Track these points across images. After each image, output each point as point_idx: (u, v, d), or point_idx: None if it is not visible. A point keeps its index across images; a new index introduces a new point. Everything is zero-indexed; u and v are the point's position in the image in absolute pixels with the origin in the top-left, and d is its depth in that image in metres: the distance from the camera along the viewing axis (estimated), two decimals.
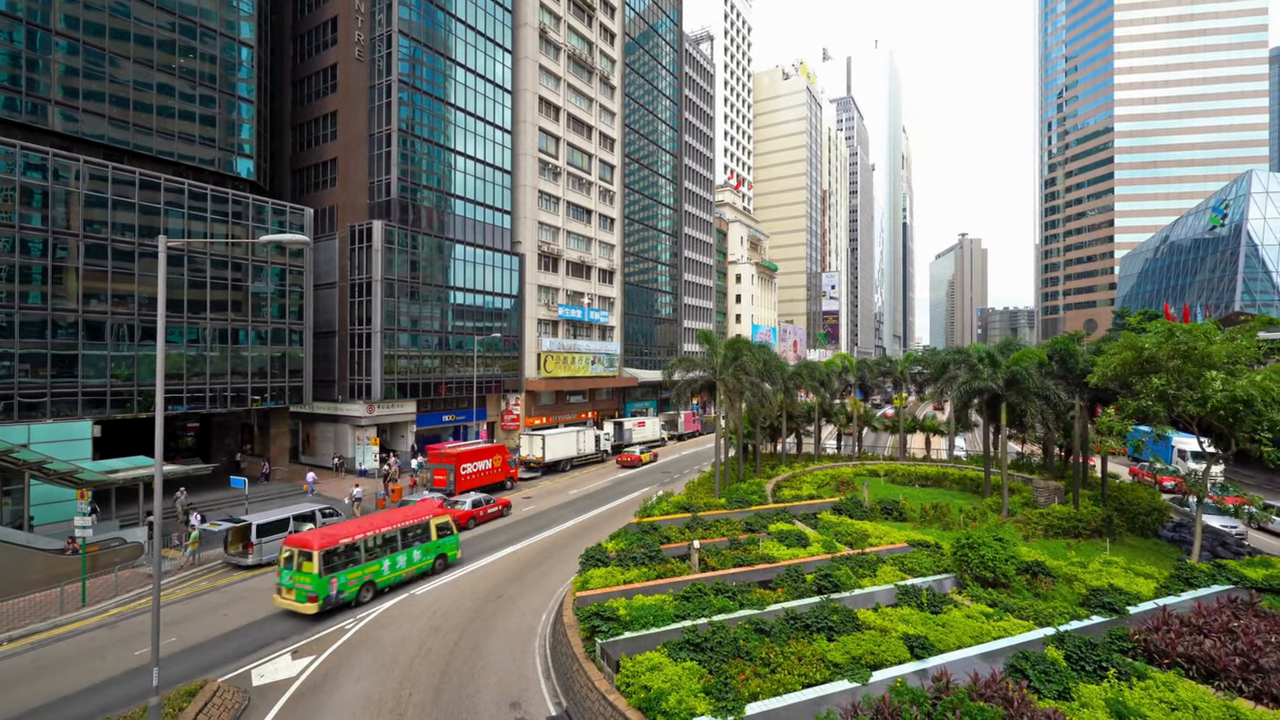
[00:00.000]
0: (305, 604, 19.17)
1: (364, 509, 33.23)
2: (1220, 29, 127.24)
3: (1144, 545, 25.94)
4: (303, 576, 19.29)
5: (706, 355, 32.63)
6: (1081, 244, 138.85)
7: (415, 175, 45.58)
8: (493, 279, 52.05)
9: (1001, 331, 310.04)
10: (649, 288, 75.75)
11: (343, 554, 20.01)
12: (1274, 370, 20.54)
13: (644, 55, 74.50)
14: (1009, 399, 28.98)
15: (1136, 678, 11.93)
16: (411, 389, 45.06)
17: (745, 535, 22.15)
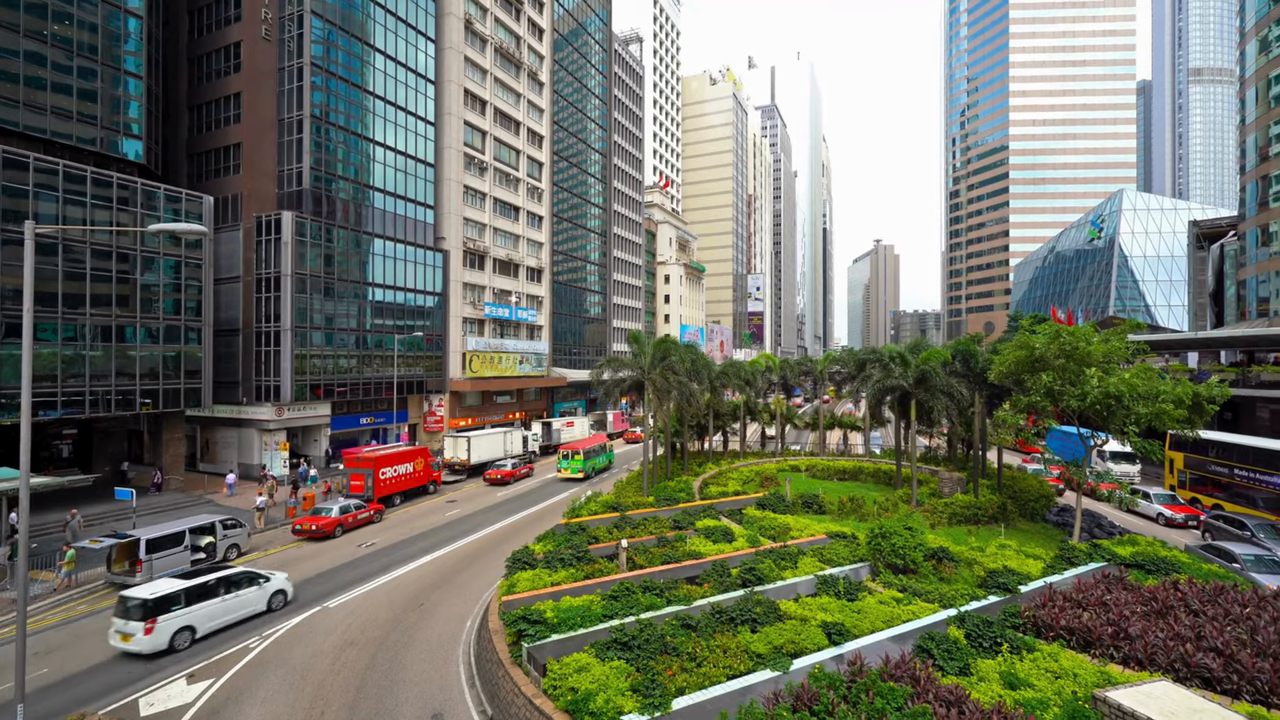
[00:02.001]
0: (578, 474, 41.06)
1: (269, 519, 31.16)
2: (1096, 60, 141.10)
3: (1034, 529, 28.28)
4: (575, 461, 40.30)
5: (635, 355, 32.77)
6: (981, 252, 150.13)
7: (330, 165, 43.17)
8: (415, 276, 50.11)
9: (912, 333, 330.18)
10: (578, 287, 75.32)
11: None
12: (1140, 369, 22.96)
13: (573, 53, 74.00)
14: (918, 396, 30.84)
15: (1026, 651, 12.97)
16: (326, 390, 42.65)
17: (673, 533, 22.41)
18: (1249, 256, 52.81)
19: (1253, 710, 11.02)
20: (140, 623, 16.55)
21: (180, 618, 17.22)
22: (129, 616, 16.69)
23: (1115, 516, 32.09)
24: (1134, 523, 31.22)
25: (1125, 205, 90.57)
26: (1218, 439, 32.41)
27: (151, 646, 16.58)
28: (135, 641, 16.49)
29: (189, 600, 17.54)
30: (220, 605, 18.34)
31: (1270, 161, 49.01)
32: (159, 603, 16.85)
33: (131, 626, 16.58)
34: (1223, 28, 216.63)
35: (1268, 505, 28.63)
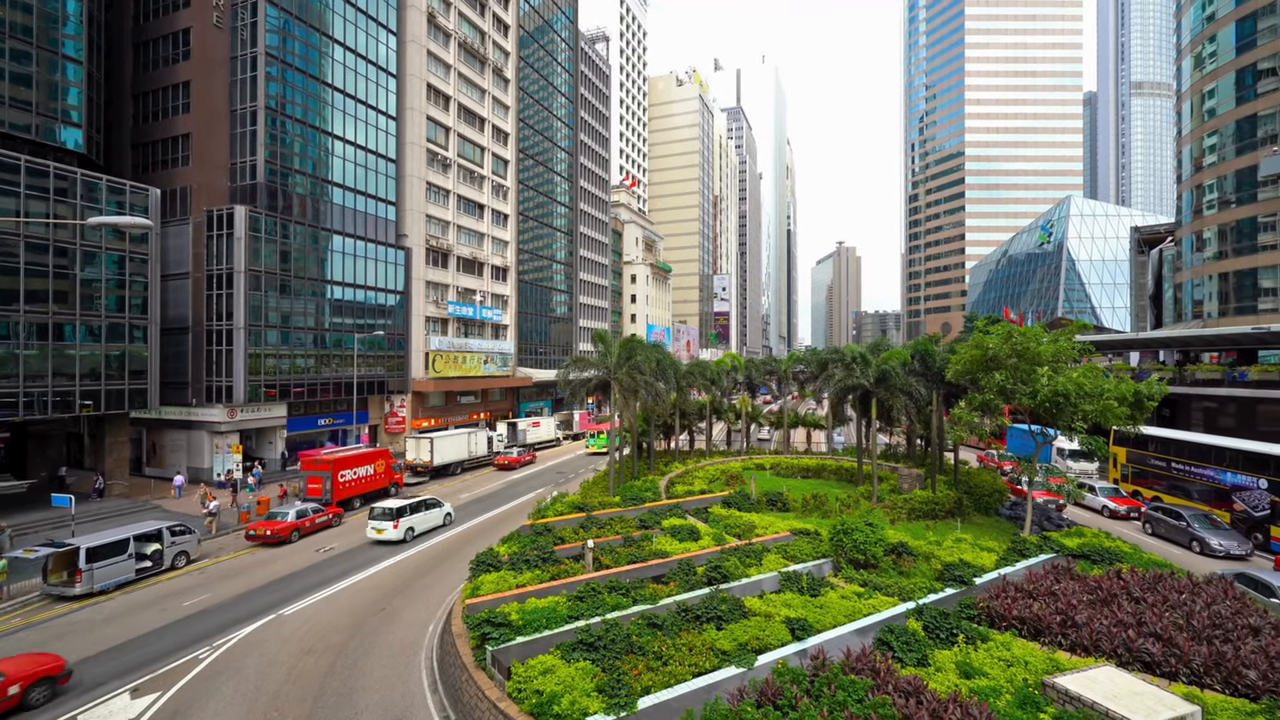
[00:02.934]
0: (603, 449, 46.90)
1: (221, 524, 30.03)
2: (1045, 71, 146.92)
3: (988, 523, 29.26)
4: (601, 439, 49.04)
5: (601, 355, 32.68)
6: (939, 254, 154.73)
7: (287, 158, 41.81)
8: (376, 273, 48.95)
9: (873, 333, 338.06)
10: (544, 286, 74.74)
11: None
12: (1087, 369, 23.99)
13: (539, 50, 73.39)
14: (879, 395, 31.58)
15: (981, 641, 13.40)
16: (282, 391, 41.30)
17: (639, 532, 22.42)
18: (1185, 261, 55.73)
19: (1189, 691, 11.61)
20: (389, 522, 27.25)
21: (409, 520, 27.95)
22: (382, 519, 27.41)
23: (1064, 509, 33.42)
24: (1081, 515, 32.59)
25: (1073, 211, 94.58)
26: (1157, 434, 34.10)
27: (398, 536, 27.25)
28: (387, 533, 27.16)
29: (412, 512, 28.31)
30: (424, 516, 28.99)
31: (1204, 172, 51.82)
32: (398, 510, 27.68)
33: (384, 525, 27.25)
34: (1162, 44, 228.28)
35: (1202, 497, 30.25)
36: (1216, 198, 50.56)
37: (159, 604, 20.74)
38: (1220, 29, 49.81)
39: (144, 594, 21.80)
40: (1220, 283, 50.16)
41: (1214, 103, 50.69)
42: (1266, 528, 26.38)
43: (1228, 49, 49.14)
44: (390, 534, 26.99)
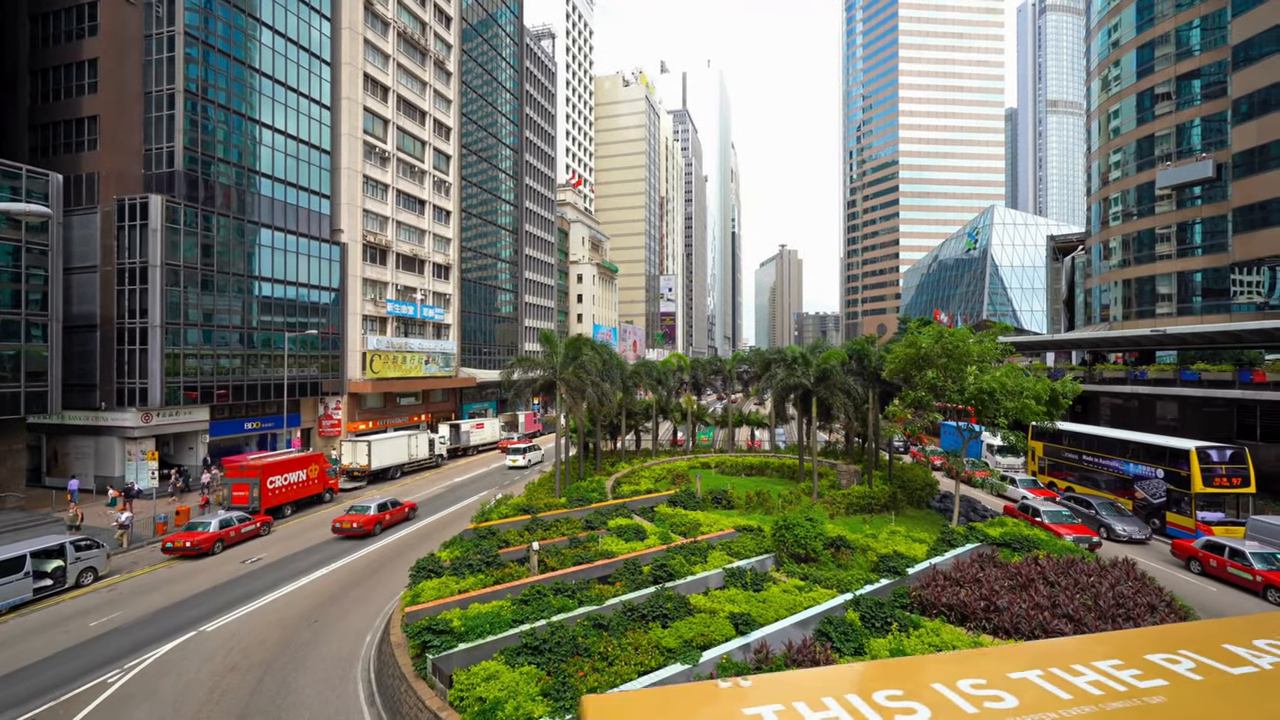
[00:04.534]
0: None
1: (134, 537, 27.97)
2: (971, 87, 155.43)
3: (920, 515, 30.65)
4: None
5: (547, 354, 32.33)
6: (875, 259, 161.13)
7: (209, 146, 39.35)
8: (309, 269, 46.75)
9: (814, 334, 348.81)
10: (489, 285, 73.32)
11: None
12: (1009, 369, 25.54)
13: (483, 44, 71.94)
14: (819, 394, 32.55)
15: (913, 628, 14.00)
16: (204, 393, 38.85)
17: (585, 533, 22.29)
18: (1094, 268, 60.13)
19: None
20: (521, 455, 45.55)
21: (529, 454, 46.00)
22: (514, 454, 46.16)
23: (988, 501, 35.41)
24: (1002, 506, 34.59)
25: (996, 220, 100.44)
26: (1069, 429, 36.61)
27: (526, 463, 45.06)
28: (517, 462, 45.49)
29: (527, 451, 46.29)
30: (538, 454, 47.13)
31: (1110, 186, 56.06)
32: (524, 450, 45.87)
33: (516, 458, 45.64)
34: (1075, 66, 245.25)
35: (1108, 486, 32.68)
36: (1121, 210, 54.77)
37: (61, 625, 19.10)
38: (1123, 54, 54.01)
39: (43, 615, 20.03)
40: (1124, 288, 54.37)
41: (1118, 122, 54.90)
42: (1163, 514, 28.76)
43: (1130, 73, 53.34)
44: (520, 461, 45.80)
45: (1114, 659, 5.04)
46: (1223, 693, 4.51)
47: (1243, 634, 5.31)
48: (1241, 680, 4.73)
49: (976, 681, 4.71)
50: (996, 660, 5.40)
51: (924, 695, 4.52)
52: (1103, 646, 5.44)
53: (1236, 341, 37.86)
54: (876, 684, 4.78)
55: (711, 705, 4.79)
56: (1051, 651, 5.63)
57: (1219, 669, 4.79)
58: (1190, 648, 5.22)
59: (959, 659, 5.89)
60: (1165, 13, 50.17)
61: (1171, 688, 4.63)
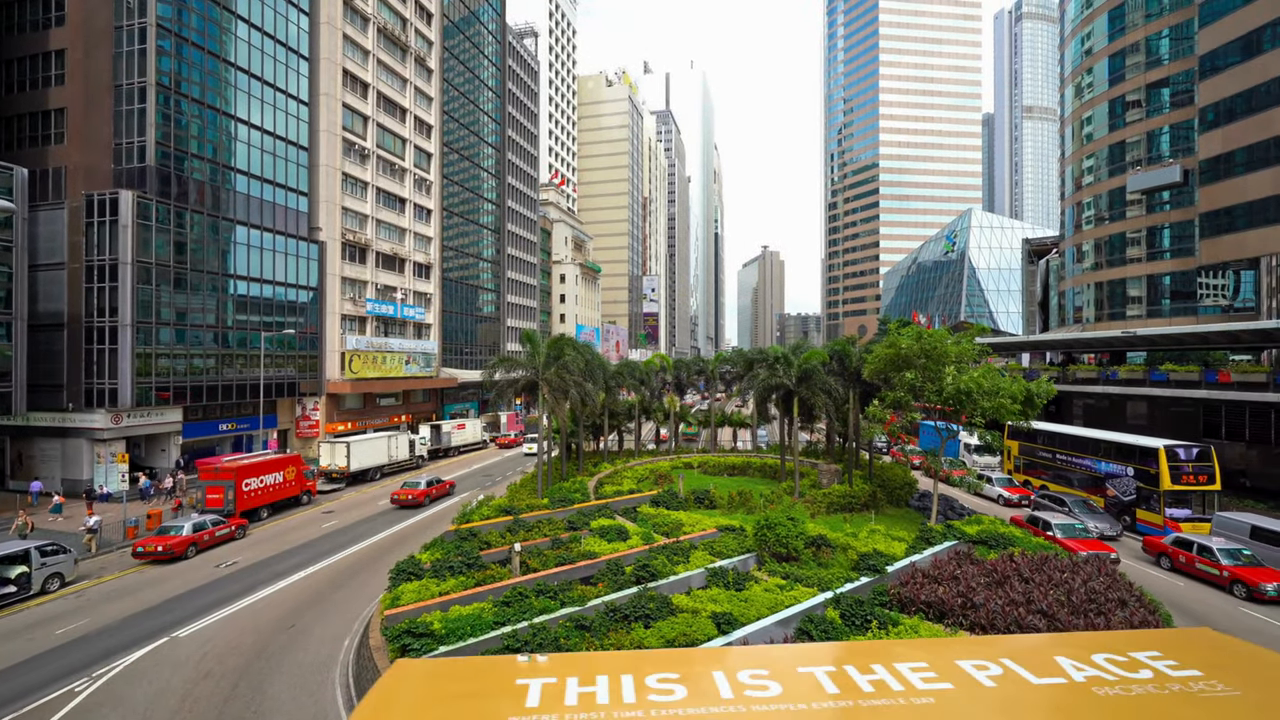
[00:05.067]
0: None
1: (102, 541, 27.27)
2: (949, 92, 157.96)
3: (899, 514, 31.05)
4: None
5: (529, 355, 32.17)
6: (856, 260, 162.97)
7: (182, 141, 38.51)
8: (286, 268, 45.98)
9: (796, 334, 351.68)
10: (471, 284, 72.76)
11: None
12: (986, 369, 26.00)
13: (465, 42, 71.38)
14: (800, 394, 32.81)
15: (892, 625, 14.17)
16: (177, 393, 38.01)
17: (568, 534, 22.22)
18: (1067, 271, 61.44)
19: None
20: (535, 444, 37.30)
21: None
22: (530, 443, 48.65)
23: (965, 499, 35.99)
24: (980, 504, 35.19)
25: (973, 223, 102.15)
26: (1043, 429, 37.35)
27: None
28: (532, 449, 47.08)
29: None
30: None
31: (1082, 190, 57.34)
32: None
33: (531, 445, 44.17)
34: (1049, 72, 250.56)
35: (1081, 484, 33.41)
36: (1093, 214, 56.04)
37: (25, 633, 18.54)
38: (1096, 63, 55.29)
39: (7, 623, 19.42)
40: (1096, 291, 55.63)
41: (1091, 128, 56.18)
42: (1134, 511, 29.48)
43: (1102, 81, 54.62)
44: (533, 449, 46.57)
45: (921, 661, 5.57)
46: (1000, 701, 5.06)
47: (1110, 645, 5.82)
48: (1034, 689, 5.22)
49: (757, 672, 5.44)
50: (796, 655, 6.22)
51: (698, 683, 5.26)
52: (919, 651, 5.92)
53: (1203, 343, 38.96)
54: (650, 668, 5.61)
55: (498, 673, 5.86)
56: (863, 650, 6.27)
57: (1022, 678, 5.29)
58: (1016, 657, 5.72)
59: (742, 654, 6.74)
60: (1136, 22, 51.48)
61: (954, 692, 5.08)
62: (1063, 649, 5.63)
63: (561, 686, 5.37)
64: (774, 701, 5.04)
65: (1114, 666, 5.32)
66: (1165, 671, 5.17)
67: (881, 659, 5.72)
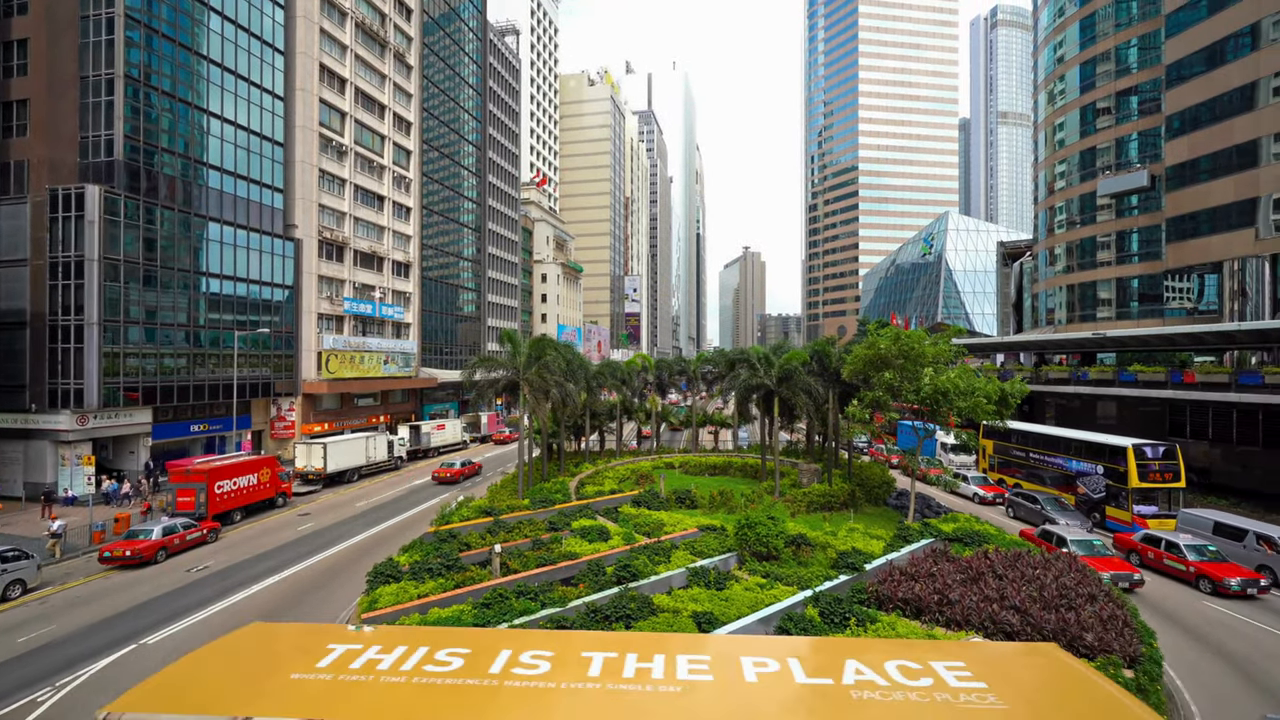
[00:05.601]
0: None
1: (67, 546, 26.50)
2: (927, 96, 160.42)
3: (877, 512, 31.42)
4: None
5: (510, 355, 31.96)
6: (836, 261, 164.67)
7: (152, 135, 37.57)
8: (261, 266, 45.10)
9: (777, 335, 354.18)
10: (450, 283, 72.07)
11: None
12: (962, 370, 26.45)
13: (445, 38, 70.69)
14: (781, 394, 33.05)
15: (870, 622, 14.33)
16: (147, 394, 37.05)
17: (549, 535, 22.12)
18: (1040, 274, 62.75)
19: None
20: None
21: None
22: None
23: (941, 498, 36.57)
24: (956, 502, 35.78)
25: (950, 226, 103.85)
26: (1017, 428, 38.09)
27: None
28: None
29: None
30: None
31: (1055, 195, 58.61)
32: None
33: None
34: (1024, 79, 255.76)
35: (1053, 482, 34.13)
36: (1065, 218, 57.31)
37: None
38: (1068, 70, 56.55)
39: None
40: (1068, 293, 56.90)
41: (1063, 134, 57.45)
42: (1103, 508, 30.20)
43: (1074, 88, 55.88)
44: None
45: (704, 655, 6.54)
46: (745, 694, 5.81)
47: (931, 653, 6.50)
48: (793, 688, 5.89)
49: (539, 652, 6.55)
50: (585, 641, 7.37)
51: (479, 658, 6.51)
52: (711, 645, 6.85)
53: (1169, 345, 40.06)
54: (459, 642, 6.75)
55: (327, 637, 7.29)
56: (652, 641, 7.34)
57: (789, 676, 6.05)
58: (805, 657, 6.46)
59: (533, 636, 7.67)
60: (1106, 31, 52.77)
61: (708, 684, 5.85)
62: (867, 654, 6.47)
63: (364, 652, 6.63)
64: (543, 679, 6.02)
65: (899, 673, 5.89)
66: (949, 681, 5.72)
67: (666, 649, 6.65)
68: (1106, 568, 21.26)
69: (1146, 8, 49.39)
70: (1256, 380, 30.90)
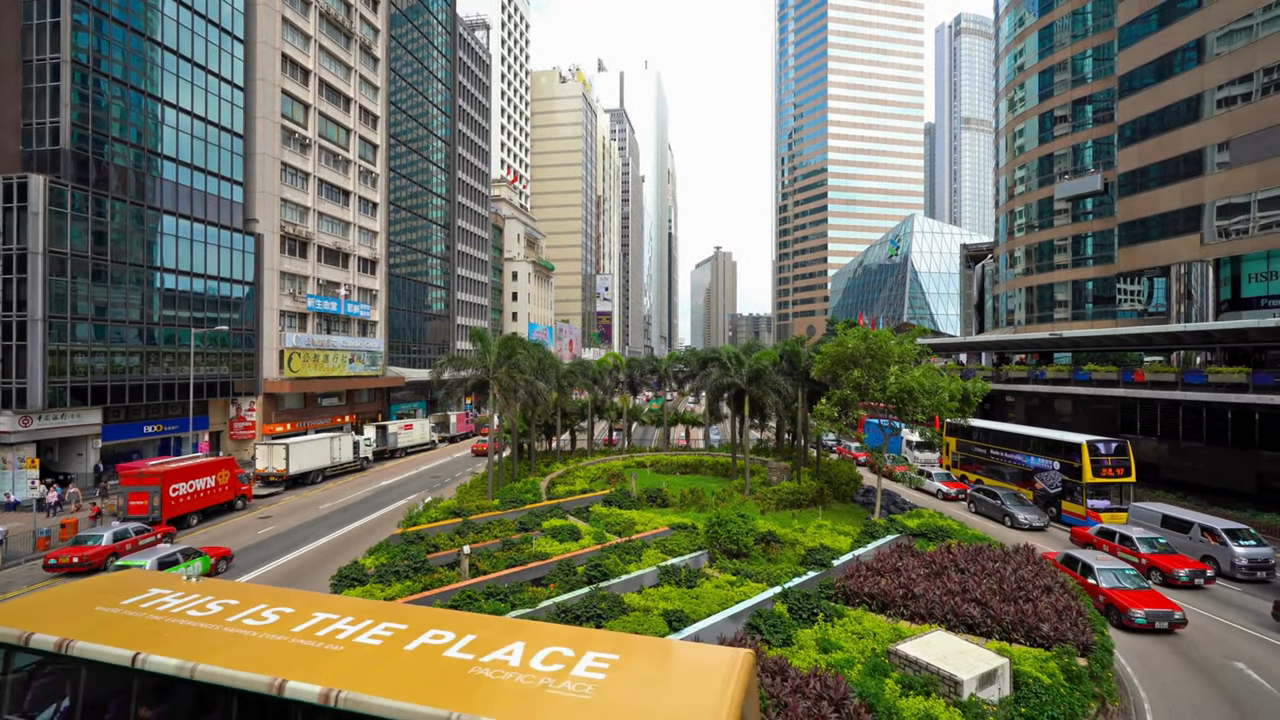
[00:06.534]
0: None
1: (9, 554, 25.23)
2: (894, 101, 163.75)
3: (845, 509, 31.94)
4: None
5: (479, 353, 31.55)
6: (805, 262, 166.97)
7: (102, 123, 36.01)
8: (220, 261, 43.65)
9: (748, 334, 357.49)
10: (419, 281, 70.86)
11: None
12: (926, 369, 27.07)
13: (413, 31, 69.42)
14: (752, 392, 33.34)
15: (837, 617, 14.56)
16: (96, 394, 35.53)
17: (519, 535, 21.91)
18: (1001, 276, 64.65)
19: (1000, 645, 13.39)
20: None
21: None
22: None
23: (907, 494, 37.38)
24: (921, 499, 36.61)
25: (915, 228, 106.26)
26: (978, 425, 39.15)
27: None
28: None
29: None
30: None
31: (1015, 199, 60.44)
32: None
33: None
34: (986, 86, 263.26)
35: (1012, 478, 35.18)
36: (1024, 222, 59.14)
37: None
38: (1027, 78, 58.36)
39: None
40: (1027, 295, 58.74)
41: (1023, 140, 59.27)
42: (1059, 503, 31.25)
43: (1033, 96, 57.70)
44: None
45: (367, 621, 7.81)
46: (358, 653, 7.01)
47: (582, 642, 7.24)
48: (406, 654, 6.94)
49: (282, 609, 8.40)
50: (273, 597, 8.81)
51: (290, 620, 7.98)
52: (386, 614, 8.09)
53: (1121, 345, 41.66)
54: (288, 603, 8.49)
55: (153, 581, 9.20)
56: (333, 603, 8.69)
57: (423, 643, 7.11)
58: (473, 631, 7.50)
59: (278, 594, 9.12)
60: (1063, 41, 54.61)
61: (341, 652, 7.08)
62: (539, 637, 7.33)
63: (182, 599, 8.40)
64: (269, 630, 7.59)
65: (541, 658, 6.65)
66: (575, 670, 6.43)
67: (337, 610, 8.13)
68: (1141, 603, 17.96)
69: (1101, 20, 51.28)
70: (1200, 379, 32.35)
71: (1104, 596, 18.55)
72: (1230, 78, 38.19)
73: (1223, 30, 38.66)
